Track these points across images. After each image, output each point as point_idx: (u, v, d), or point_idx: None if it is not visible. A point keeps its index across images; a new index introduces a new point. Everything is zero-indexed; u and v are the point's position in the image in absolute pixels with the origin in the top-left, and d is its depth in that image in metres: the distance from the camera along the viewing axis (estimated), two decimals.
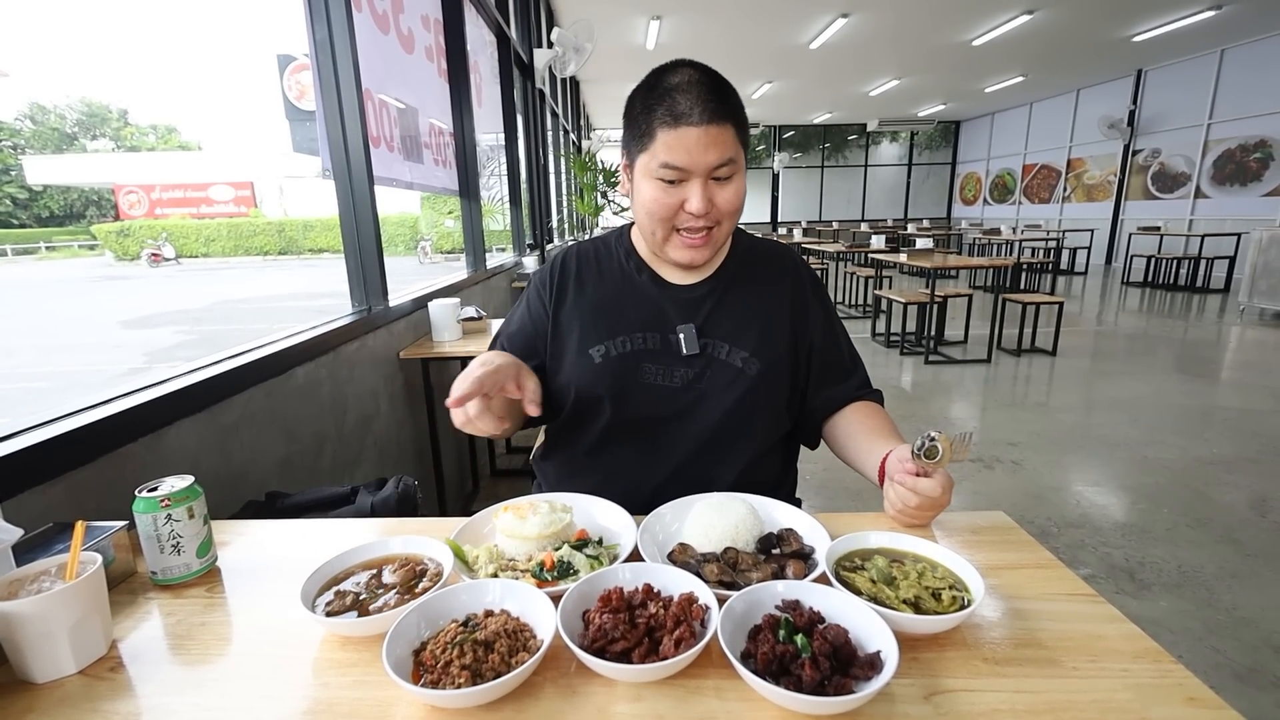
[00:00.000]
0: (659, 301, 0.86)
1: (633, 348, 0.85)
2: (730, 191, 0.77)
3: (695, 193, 0.76)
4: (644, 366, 0.84)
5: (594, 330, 0.86)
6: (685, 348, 0.84)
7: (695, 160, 0.74)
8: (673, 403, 0.84)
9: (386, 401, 1.77)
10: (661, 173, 0.76)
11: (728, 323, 0.85)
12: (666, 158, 0.74)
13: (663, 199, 0.77)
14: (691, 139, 0.73)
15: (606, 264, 0.91)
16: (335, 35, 1.58)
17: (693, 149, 0.73)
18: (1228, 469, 2.58)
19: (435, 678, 0.46)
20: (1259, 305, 5.71)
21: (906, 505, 0.69)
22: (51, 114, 26.39)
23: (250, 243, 18.95)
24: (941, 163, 15.65)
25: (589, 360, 0.84)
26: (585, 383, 0.85)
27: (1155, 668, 0.49)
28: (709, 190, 0.76)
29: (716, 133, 0.73)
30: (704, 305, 0.86)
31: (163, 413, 0.92)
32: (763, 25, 7.10)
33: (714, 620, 0.50)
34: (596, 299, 0.88)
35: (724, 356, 0.84)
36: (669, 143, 0.74)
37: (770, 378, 0.84)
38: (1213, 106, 8.67)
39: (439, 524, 0.75)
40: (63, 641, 0.50)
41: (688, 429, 0.84)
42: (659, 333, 0.85)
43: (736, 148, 0.76)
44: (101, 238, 18.42)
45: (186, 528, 0.63)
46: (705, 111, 0.73)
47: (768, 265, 0.91)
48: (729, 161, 0.75)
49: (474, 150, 2.94)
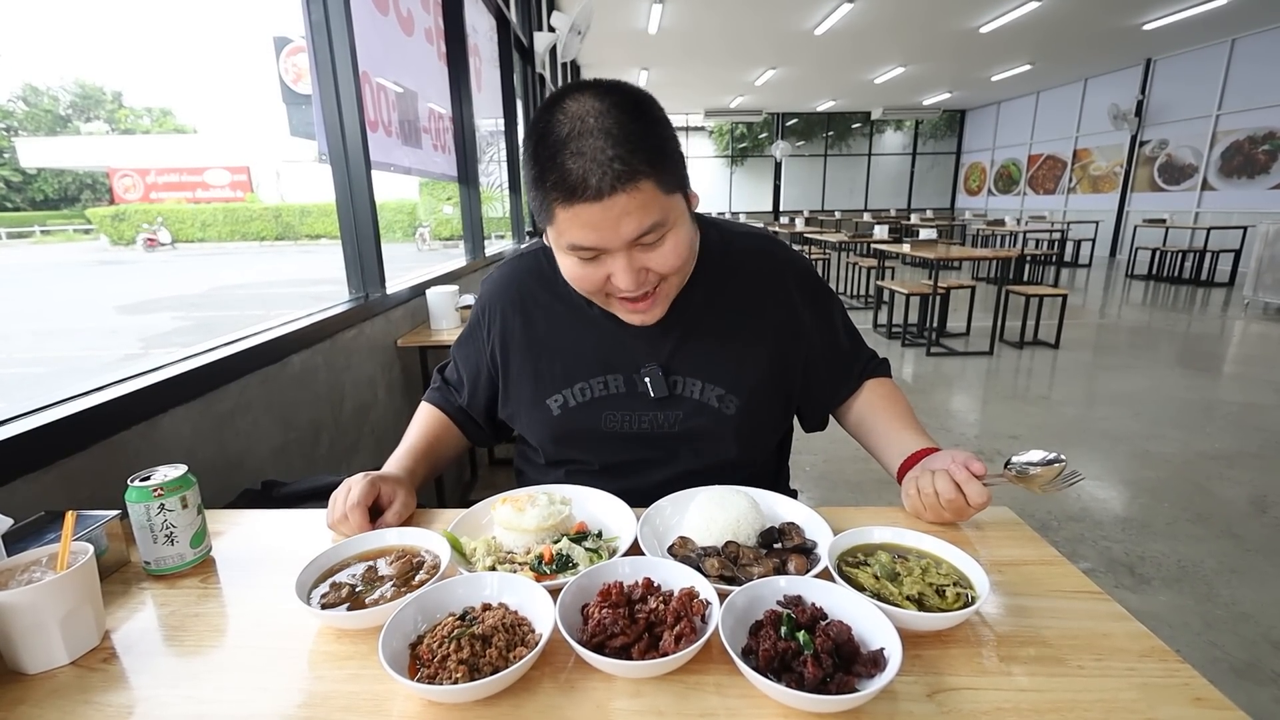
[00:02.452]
0: (618, 336, 0.76)
1: (593, 395, 0.76)
2: (663, 253, 0.64)
3: (619, 267, 0.63)
4: (605, 415, 0.76)
5: (549, 378, 0.77)
6: (653, 390, 0.75)
7: (606, 238, 0.61)
8: (644, 447, 0.77)
9: (384, 390, 1.76)
10: (573, 252, 0.64)
11: (697, 355, 0.76)
12: (571, 239, 0.62)
13: (583, 275, 0.66)
14: (595, 217, 0.59)
15: (552, 293, 0.79)
16: (331, 17, 1.55)
17: (600, 226, 0.60)
18: (1229, 464, 2.58)
19: (432, 672, 0.46)
20: (1264, 299, 5.68)
21: (938, 496, 0.64)
22: (45, 96, 26.09)
23: (247, 228, 18.83)
24: (946, 152, 15.51)
25: (546, 412, 0.77)
26: (544, 436, 0.79)
27: (1161, 667, 0.48)
28: (635, 259, 0.63)
29: (624, 202, 0.59)
30: (669, 337, 0.75)
31: (157, 400, 0.91)
32: (767, 10, 6.99)
33: (715, 616, 0.49)
34: (548, 340, 0.78)
35: (697, 395, 0.75)
36: (569, 221, 0.60)
37: (752, 410, 0.76)
38: (1222, 97, 8.56)
39: (436, 515, 0.74)
40: (54, 632, 0.50)
41: (663, 470, 0.77)
42: (621, 374, 0.76)
43: (661, 205, 0.61)
44: (96, 222, 18.30)
45: (180, 517, 0.62)
46: (604, 178, 0.57)
47: (745, 270, 0.79)
48: (652, 227, 0.61)
49: (473, 135, 2.90)
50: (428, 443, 0.84)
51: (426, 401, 0.91)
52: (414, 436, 0.84)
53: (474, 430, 0.89)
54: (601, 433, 0.77)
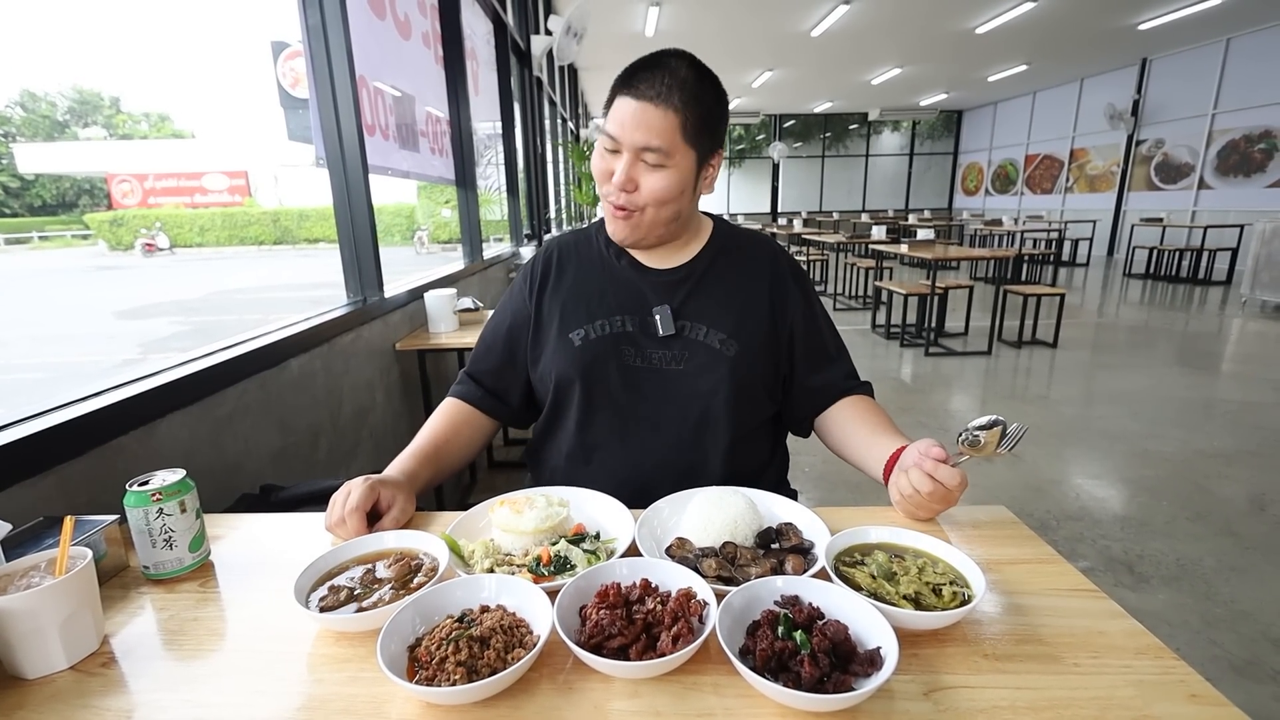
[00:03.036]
0: (637, 285, 0.86)
1: (611, 330, 0.84)
2: (654, 180, 0.76)
3: (619, 166, 0.75)
4: (622, 349, 0.84)
5: (574, 315, 0.86)
6: (661, 328, 0.83)
7: (623, 134, 0.74)
8: (651, 384, 0.84)
9: (382, 393, 1.76)
10: (603, 139, 0.76)
11: (705, 304, 0.85)
12: (606, 125, 0.76)
13: (599, 163, 0.78)
14: (626, 112, 0.73)
15: (586, 252, 0.91)
16: (328, 21, 1.55)
17: (624, 122, 0.73)
18: (1228, 462, 2.59)
19: (430, 674, 0.46)
20: (1261, 297, 5.70)
21: (919, 491, 0.66)
22: (42, 101, 26.08)
23: (245, 232, 18.81)
24: (943, 152, 15.55)
25: (569, 344, 0.85)
26: (565, 366, 0.84)
27: (1157, 664, 0.48)
28: (635, 170, 0.76)
29: (651, 113, 0.72)
30: (682, 288, 0.86)
31: (155, 405, 0.91)
32: (764, 12, 7.01)
33: (712, 616, 0.49)
34: (576, 285, 0.88)
35: (701, 338, 0.84)
36: (612, 111, 0.75)
37: (748, 358, 0.84)
38: (1218, 96, 8.60)
39: (435, 518, 0.75)
40: (53, 637, 0.50)
41: (668, 411, 0.83)
42: (637, 315, 0.85)
43: (674, 141, 0.74)
44: (95, 227, 18.26)
45: (179, 522, 0.62)
46: (649, 89, 0.72)
47: (746, 252, 0.90)
48: (656, 149, 0.73)
49: (471, 139, 2.90)
50: (435, 445, 0.85)
51: (450, 395, 0.93)
52: (423, 438, 0.86)
53: (496, 407, 0.92)
54: (616, 366, 0.84)
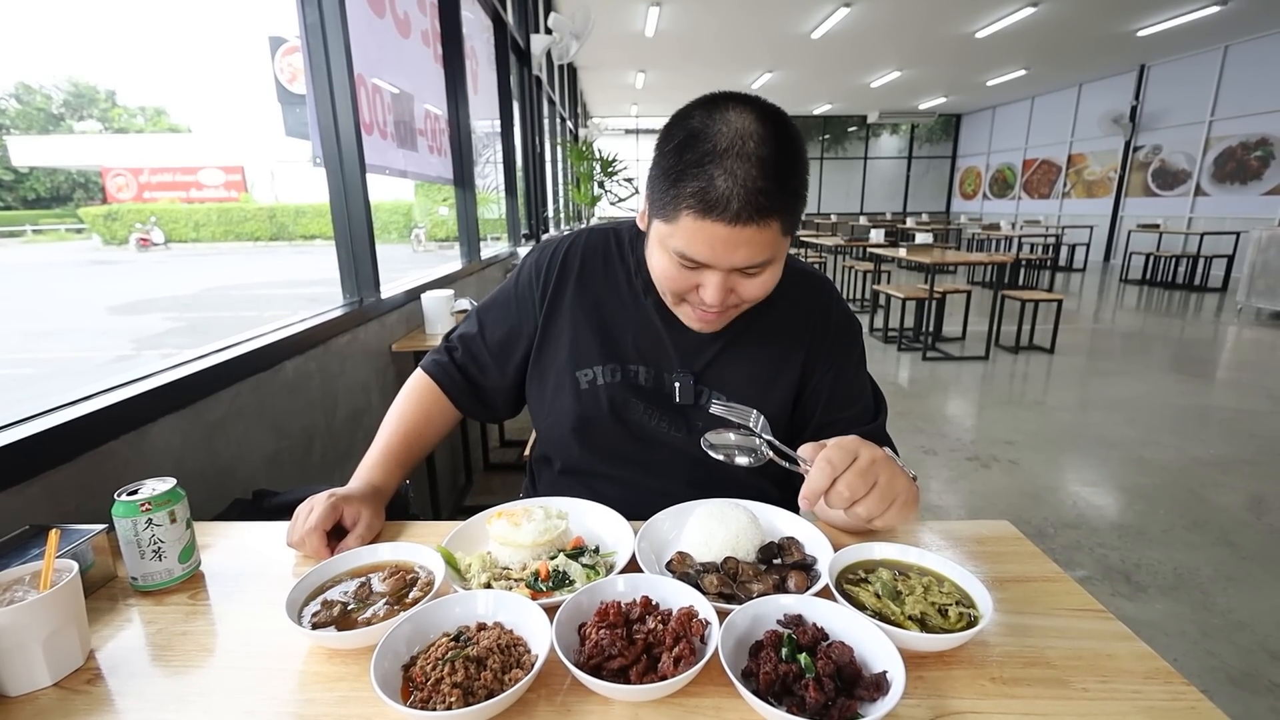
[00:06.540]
0: (661, 336, 0.77)
1: (625, 380, 0.77)
2: (758, 284, 0.65)
3: (712, 283, 0.63)
4: (631, 403, 0.77)
5: (586, 349, 0.78)
6: (679, 397, 0.77)
7: (718, 258, 0.61)
8: (657, 446, 0.78)
9: (378, 395, 1.74)
10: (677, 257, 0.64)
11: (731, 373, 0.77)
12: (684, 247, 0.62)
13: (675, 276, 0.66)
14: (719, 236, 0.59)
15: (612, 273, 0.80)
16: (326, 18, 1.53)
17: (717, 247, 0.60)
18: (1224, 470, 2.59)
19: (425, 696, 0.45)
20: (1256, 305, 5.73)
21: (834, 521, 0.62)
22: (37, 93, 25.88)
23: (241, 228, 18.70)
24: (941, 156, 15.59)
25: (574, 384, 0.78)
26: (565, 406, 0.78)
27: (1167, 689, 0.47)
28: (730, 280, 0.64)
29: (751, 234, 0.59)
30: (709, 349, 0.77)
31: (146, 409, 0.89)
32: (764, 13, 7.01)
33: (714, 636, 0.48)
34: (596, 311, 0.79)
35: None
36: (691, 231, 0.60)
37: (767, 431, 0.76)
38: (1215, 103, 8.64)
39: (430, 529, 0.73)
40: (37, 653, 0.48)
41: (673, 469, 0.78)
42: (655, 369, 0.78)
43: (778, 244, 0.62)
44: (89, 221, 18.13)
45: (168, 532, 0.61)
46: (747, 207, 0.57)
47: (791, 298, 0.77)
48: (762, 262, 0.63)
49: (469, 138, 2.89)
50: (407, 442, 0.80)
51: (423, 369, 0.87)
52: (394, 432, 0.80)
53: (470, 403, 0.85)
54: (624, 419, 0.77)
